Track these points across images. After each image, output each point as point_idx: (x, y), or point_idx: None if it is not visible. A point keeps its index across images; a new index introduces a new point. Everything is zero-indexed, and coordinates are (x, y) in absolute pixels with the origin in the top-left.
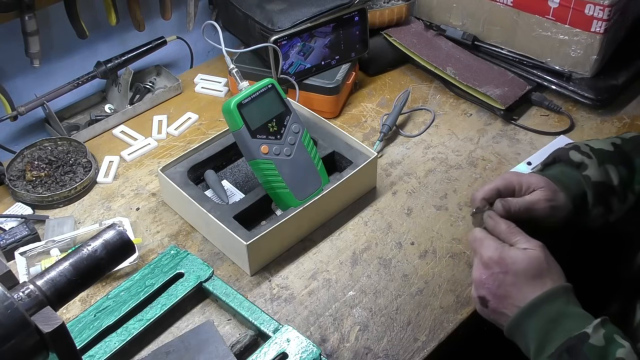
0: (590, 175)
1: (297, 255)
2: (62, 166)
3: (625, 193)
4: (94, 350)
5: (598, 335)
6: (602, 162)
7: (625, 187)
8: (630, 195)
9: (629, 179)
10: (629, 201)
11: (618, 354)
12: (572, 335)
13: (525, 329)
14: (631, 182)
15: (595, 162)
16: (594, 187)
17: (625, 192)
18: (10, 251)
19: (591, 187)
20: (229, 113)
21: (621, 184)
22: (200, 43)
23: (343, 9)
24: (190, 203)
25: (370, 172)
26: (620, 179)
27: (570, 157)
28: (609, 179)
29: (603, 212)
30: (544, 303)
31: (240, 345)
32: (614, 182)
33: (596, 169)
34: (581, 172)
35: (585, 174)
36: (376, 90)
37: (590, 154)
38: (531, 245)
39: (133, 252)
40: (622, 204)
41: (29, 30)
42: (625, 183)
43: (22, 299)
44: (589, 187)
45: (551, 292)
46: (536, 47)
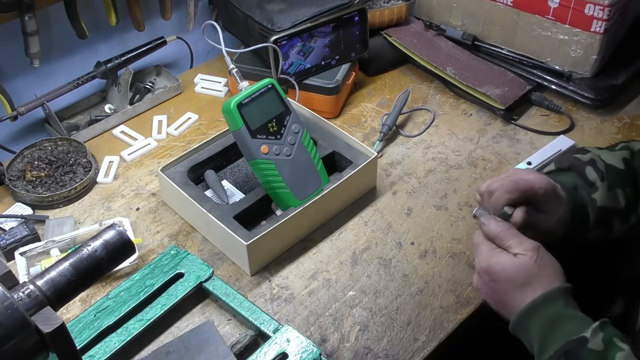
0: (598, 199)
1: (297, 255)
2: (62, 166)
3: (629, 214)
4: (94, 350)
5: (597, 339)
6: (613, 186)
7: (630, 208)
8: (633, 216)
9: (634, 199)
10: (631, 221)
11: (617, 357)
12: (570, 339)
13: (528, 328)
14: (636, 203)
15: (606, 186)
16: (598, 211)
17: (630, 213)
18: (10, 251)
19: (595, 211)
20: (229, 113)
21: (627, 207)
22: (200, 43)
23: (343, 9)
24: (190, 203)
25: (370, 172)
26: (626, 202)
27: (586, 173)
28: (616, 203)
29: (602, 233)
30: (542, 305)
31: (240, 345)
32: (621, 206)
33: (605, 193)
34: (590, 194)
35: (594, 197)
36: (376, 90)
37: (604, 173)
38: (523, 249)
39: (133, 252)
40: (624, 225)
41: (29, 30)
42: (630, 204)
43: (22, 299)
44: (593, 210)
45: (549, 294)
46: (536, 47)
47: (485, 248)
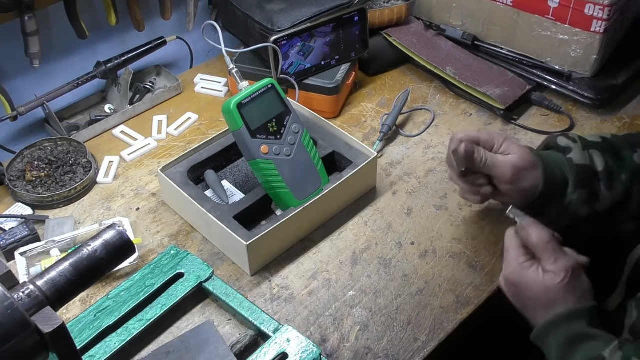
0: (574, 157)
1: (297, 255)
2: (62, 166)
3: (612, 180)
4: (94, 350)
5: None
6: (587, 147)
7: (611, 174)
8: (617, 184)
9: (616, 167)
10: (617, 190)
11: None
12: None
13: (548, 342)
14: (619, 171)
15: (580, 145)
16: (576, 169)
17: (612, 179)
18: (10, 251)
19: (574, 169)
20: (229, 113)
21: (607, 171)
22: (200, 43)
23: (343, 9)
24: (190, 203)
25: (370, 172)
26: (606, 166)
27: (558, 142)
28: (592, 163)
29: (587, 197)
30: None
31: (240, 345)
32: (599, 168)
33: (580, 152)
34: (565, 155)
35: (569, 157)
36: (376, 90)
37: (575, 138)
38: (556, 267)
39: (133, 252)
40: (609, 191)
41: (28, 30)
42: (611, 170)
43: (22, 299)
44: (571, 168)
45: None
46: (536, 47)
47: (514, 257)
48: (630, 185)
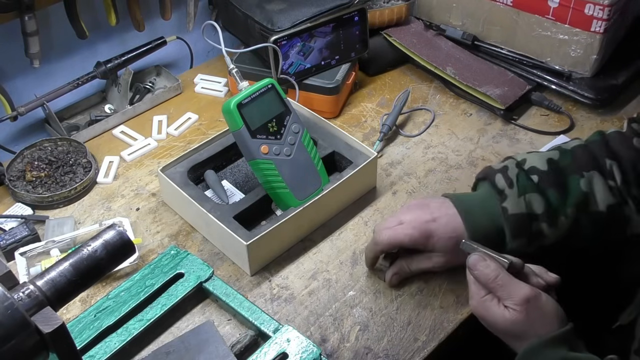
0: (509, 207)
1: (297, 255)
2: (62, 166)
3: (555, 218)
4: (94, 350)
5: None
6: (524, 192)
7: (554, 212)
8: (562, 218)
9: (560, 202)
10: (562, 224)
11: None
12: None
13: None
14: (563, 206)
15: (516, 192)
16: (511, 219)
17: (555, 217)
18: (10, 251)
19: (509, 220)
20: (229, 113)
21: (548, 212)
22: (200, 43)
23: (343, 9)
24: (190, 203)
25: (370, 172)
26: (546, 207)
27: (495, 181)
28: (530, 209)
29: (526, 242)
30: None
31: (240, 345)
32: (538, 212)
33: (515, 199)
34: (501, 203)
35: (504, 206)
36: (376, 90)
37: (513, 182)
38: (512, 302)
39: (133, 252)
40: (553, 228)
41: (28, 30)
42: (553, 209)
43: (22, 299)
44: (507, 219)
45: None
46: (536, 46)
47: (475, 291)
48: (577, 216)
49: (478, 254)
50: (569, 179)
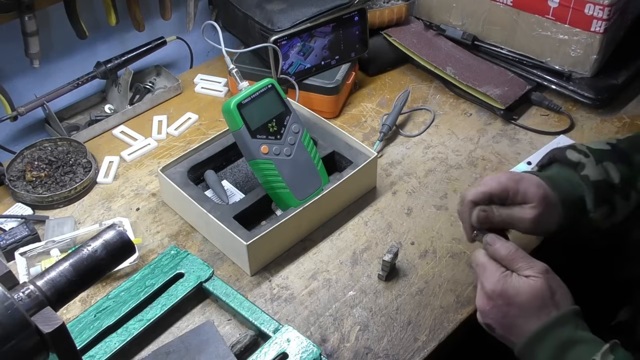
0: (589, 174)
1: (297, 255)
2: (62, 166)
3: (628, 191)
4: (94, 350)
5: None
6: (601, 160)
7: (628, 184)
8: (633, 193)
9: (630, 176)
10: (633, 199)
11: None
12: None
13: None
14: (634, 180)
15: (593, 160)
16: (594, 187)
17: (629, 189)
18: (10, 251)
19: (591, 187)
20: (228, 113)
21: (623, 182)
22: (200, 43)
23: (343, 9)
24: (190, 203)
25: (370, 172)
26: (621, 177)
27: (567, 156)
28: (609, 177)
29: (607, 212)
30: (552, 329)
31: (240, 345)
32: (615, 180)
33: (594, 167)
34: (579, 173)
35: (584, 174)
36: (376, 90)
37: (587, 152)
38: (534, 271)
39: (133, 252)
40: (626, 202)
41: (28, 30)
42: (627, 180)
43: (22, 299)
44: (589, 187)
45: (559, 318)
46: (536, 46)
47: (494, 270)
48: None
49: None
50: (632, 156)
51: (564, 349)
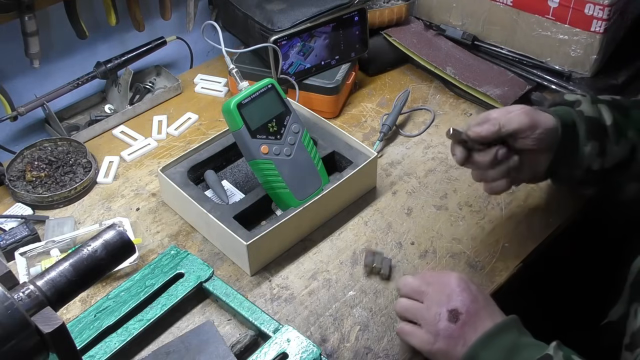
0: (584, 110)
1: (297, 255)
2: (62, 166)
3: (619, 135)
4: (94, 350)
5: (558, 357)
6: (596, 101)
7: (619, 129)
8: (623, 140)
9: (623, 122)
10: (623, 146)
11: None
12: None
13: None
14: (625, 127)
15: (589, 99)
16: (586, 121)
17: (619, 134)
18: (10, 251)
19: (583, 121)
20: (228, 113)
21: (614, 126)
22: (200, 43)
23: (343, 9)
24: (190, 203)
25: (370, 172)
26: (614, 120)
27: (565, 98)
28: (601, 117)
29: (598, 150)
30: (497, 335)
31: (240, 345)
32: (607, 122)
33: (589, 105)
34: (575, 108)
35: (579, 109)
36: (376, 90)
37: (585, 94)
38: None
39: (133, 252)
40: (617, 147)
41: (28, 30)
42: (619, 125)
43: (22, 299)
44: (581, 119)
45: (503, 325)
46: (536, 46)
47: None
48: (637, 143)
49: None
50: (630, 110)
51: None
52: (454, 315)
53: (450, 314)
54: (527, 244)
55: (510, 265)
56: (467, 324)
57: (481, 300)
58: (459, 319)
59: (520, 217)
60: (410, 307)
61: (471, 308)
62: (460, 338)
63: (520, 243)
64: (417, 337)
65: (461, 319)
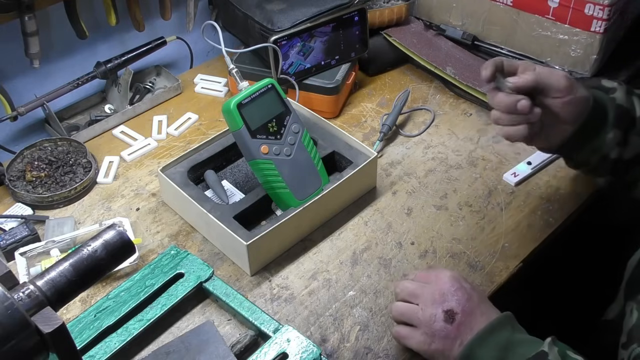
0: (617, 98)
1: (297, 255)
2: (62, 166)
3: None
4: (94, 350)
5: (553, 353)
6: (631, 93)
7: None
8: None
9: None
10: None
11: None
12: (530, 356)
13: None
14: None
15: (624, 89)
16: (617, 109)
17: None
18: (10, 251)
19: (614, 108)
20: (228, 113)
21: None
22: (200, 43)
23: (343, 9)
24: (190, 203)
25: (370, 172)
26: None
27: (602, 83)
28: (632, 108)
29: (620, 139)
30: (492, 332)
31: (240, 345)
32: (637, 114)
33: (624, 94)
34: (609, 95)
35: (612, 96)
36: (376, 90)
37: (621, 83)
38: None
39: (133, 252)
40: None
41: (28, 30)
42: None
43: (22, 299)
44: (612, 106)
45: (497, 322)
46: (536, 46)
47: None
48: None
49: None
50: None
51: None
52: (450, 316)
53: (446, 314)
54: (527, 244)
55: (510, 265)
56: (463, 323)
57: (475, 298)
58: (455, 319)
59: (520, 217)
60: (406, 311)
61: (466, 307)
62: (456, 338)
63: (520, 243)
64: (414, 339)
65: (457, 319)
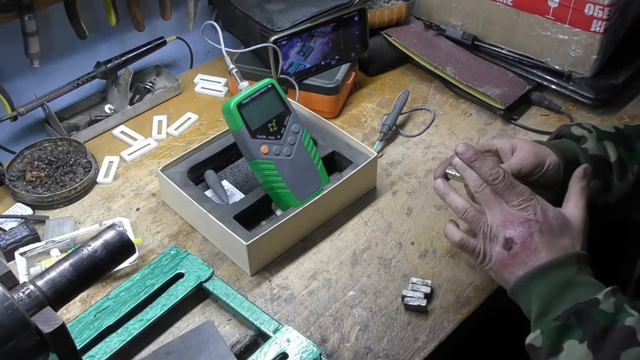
0: (589, 148)
1: (297, 255)
2: (62, 166)
3: (623, 171)
4: (94, 350)
5: (608, 303)
6: (601, 138)
7: (623, 165)
8: (629, 175)
9: (627, 158)
10: (628, 181)
11: (627, 322)
12: (582, 300)
13: (531, 290)
14: (630, 162)
15: (595, 136)
16: (591, 160)
17: (624, 170)
18: (10, 251)
19: (588, 160)
20: (228, 113)
21: (619, 162)
22: (200, 43)
23: (343, 9)
24: (190, 203)
25: (370, 172)
26: (618, 157)
27: (572, 131)
28: (606, 154)
29: (601, 187)
30: (554, 268)
31: (240, 345)
32: (611, 159)
33: (595, 143)
34: (580, 145)
35: (584, 147)
36: (376, 90)
37: (591, 129)
38: None
39: (133, 252)
40: (621, 183)
41: (28, 30)
42: (623, 162)
43: (22, 299)
44: (585, 158)
45: (563, 259)
46: (536, 46)
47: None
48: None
49: None
50: (634, 142)
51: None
52: (508, 243)
53: (506, 241)
54: None
55: None
56: (518, 255)
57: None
58: (511, 248)
59: None
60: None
61: (527, 242)
62: (509, 266)
63: None
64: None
65: (514, 248)
